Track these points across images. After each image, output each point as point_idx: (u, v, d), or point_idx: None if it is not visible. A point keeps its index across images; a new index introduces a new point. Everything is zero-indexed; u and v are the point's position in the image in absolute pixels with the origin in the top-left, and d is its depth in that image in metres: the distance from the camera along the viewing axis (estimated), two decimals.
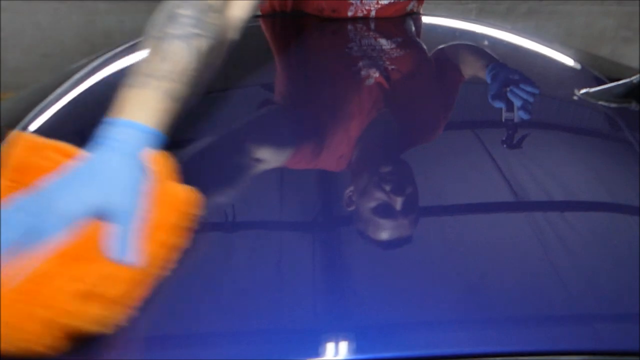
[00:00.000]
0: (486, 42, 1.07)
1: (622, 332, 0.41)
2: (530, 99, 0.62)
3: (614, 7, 2.92)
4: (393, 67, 0.86)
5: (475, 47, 0.96)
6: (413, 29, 1.18)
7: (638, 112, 0.74)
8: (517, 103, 0.62)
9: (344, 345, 0.39)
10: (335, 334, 0.40)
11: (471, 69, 0.86)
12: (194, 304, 0.43)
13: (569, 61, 0.99)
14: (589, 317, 0.42)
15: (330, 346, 0.39)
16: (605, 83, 0.81)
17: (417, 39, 1.13)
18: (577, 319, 0.42)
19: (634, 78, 0.76)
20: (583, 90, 0.78)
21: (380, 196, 0.52)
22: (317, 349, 0.39)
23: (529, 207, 0.55)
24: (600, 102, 0.75)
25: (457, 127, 0.73)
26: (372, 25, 1.12)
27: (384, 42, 1.03)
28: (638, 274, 0.45)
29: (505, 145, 0.66)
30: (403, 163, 0.61)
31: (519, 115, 0.58)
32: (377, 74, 0.77)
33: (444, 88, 0.80)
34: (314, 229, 0.52)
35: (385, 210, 0.51)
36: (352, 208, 0.52)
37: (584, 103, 0.76)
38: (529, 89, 0.64)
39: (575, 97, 0.78)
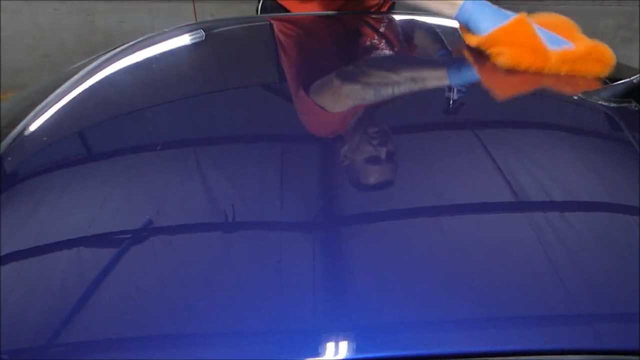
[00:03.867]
0: None
1: (622, 332, 0.41)
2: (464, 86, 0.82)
3: (613, 8, 2.92)
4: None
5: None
6: (413, 25, 1.18)
7: (638, 112, 0.74)
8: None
9: (344, 345, 0.39)
10: (335, 334, 0.40)
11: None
12: (193, 304, 0.43)
13: None
14: (589, 317, 0.42)
15: (330, 346, 0.39)
16: (605, 83, 0.81)
17: (415, 36, 1.14)
18: (577, 318, 0.42)
19: (634, 78, 0.76)
20: (583, 90, 0.78)
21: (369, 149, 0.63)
22: (317, 349, 0.39)
23: (529, 206, 0.55)
24: (600, 102, 0.75)
25: (458, 126, 0.73)
26: (379, 23, 1.13)
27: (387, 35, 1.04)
28: (638, 274, 0.45)
29: (505, 145, 0.66)
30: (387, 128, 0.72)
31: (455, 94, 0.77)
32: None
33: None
34: (314, 228, 0.52)
35: (373, 159, 0.61)
36: (346, 163, 0.62)
37: (584, 103, 0.76)
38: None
39: (575, 97, 0.78)
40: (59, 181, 0.62)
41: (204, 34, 1.09)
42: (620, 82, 0.77)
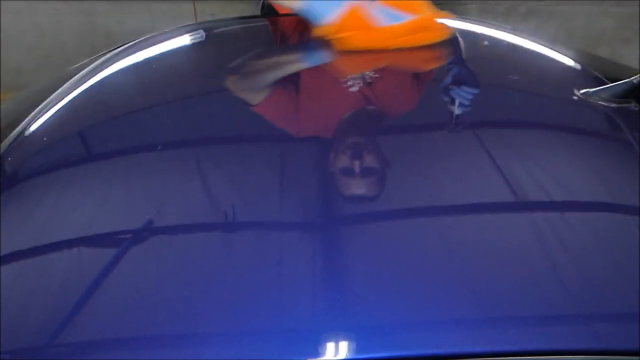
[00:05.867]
0: (486, 42, 1.07)
1: (622, 332, 0.41)
2: (468, 99, 0.76)
3: (613, 8, 2.92)
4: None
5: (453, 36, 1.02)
6: None
7: (638, 112, 0.74)
8: (457, 99, 0.75)
9: (344, 345, 0.39)
10: (335, 334, 0.40)
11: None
12: (193, 304, 0.43)
13: (569, 61, 0.99)
14: (589, 317, 0.42)
15: (330, 346, 0.39)
16: (605, 83, 0.80)
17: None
18: (577, 318, 0.42)
19: (634, 78, 0.76)
20: (583, 90, 0.78)
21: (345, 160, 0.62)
22: (317, 349, 0.39)
23: (529, 206, 0.55)
24: (600, 102, 0.75)
25: (458, 126, 0.73)
26: None
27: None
28: (638, 274, 0.45)
29: (505, 145, 0.66)
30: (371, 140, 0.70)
31: (458, 109, 0.73)
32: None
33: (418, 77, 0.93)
34: (314, 229, 0.52)
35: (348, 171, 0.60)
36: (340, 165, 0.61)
37: (584, 103, 0.76)
38: (468, 90, 0.78)
39: (575, 97, 0.78)
40: (59, 181, 0.62)
41: (204, 34, 1.09)
42: (620, 82, 0.77)
